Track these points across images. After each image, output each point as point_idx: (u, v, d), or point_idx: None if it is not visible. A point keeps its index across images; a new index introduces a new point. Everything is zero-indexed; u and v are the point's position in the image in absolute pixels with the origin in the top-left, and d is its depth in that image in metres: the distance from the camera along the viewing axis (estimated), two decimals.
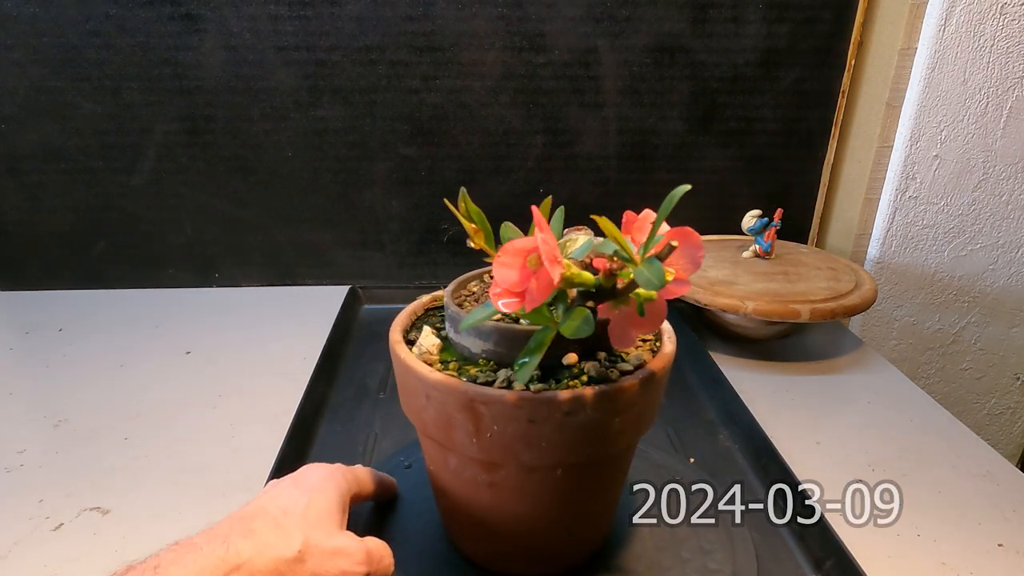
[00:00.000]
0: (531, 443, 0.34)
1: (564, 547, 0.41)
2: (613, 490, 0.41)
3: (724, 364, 0.68)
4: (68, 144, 0.79)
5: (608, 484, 0.40)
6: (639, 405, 0.35)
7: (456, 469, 0.38)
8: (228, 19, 0.75)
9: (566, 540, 0.40)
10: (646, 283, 0.29)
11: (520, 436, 0.34)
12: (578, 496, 0.38)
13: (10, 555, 0.43)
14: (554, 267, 0.29)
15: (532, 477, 0.36)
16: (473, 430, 0.34)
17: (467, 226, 0.35)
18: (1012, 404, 0.93)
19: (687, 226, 0.30)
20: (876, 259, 0.85)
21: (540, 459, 0.35)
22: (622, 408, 0.34)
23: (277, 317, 0.79)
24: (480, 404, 0.33)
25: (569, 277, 0.30)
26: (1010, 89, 0.77)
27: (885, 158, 0.82)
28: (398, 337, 0.39)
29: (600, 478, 0.39)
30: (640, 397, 0.35)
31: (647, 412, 0.37)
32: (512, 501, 0.38)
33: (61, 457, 0.53)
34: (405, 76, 0.78)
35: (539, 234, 0.29)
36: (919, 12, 0.75)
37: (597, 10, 0.77)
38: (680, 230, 0.30)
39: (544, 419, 0.33)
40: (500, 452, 0.35)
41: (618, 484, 0.41)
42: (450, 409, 0.34)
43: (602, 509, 0.41)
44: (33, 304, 0.82)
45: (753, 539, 0.45)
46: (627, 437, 0.37)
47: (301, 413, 0.55)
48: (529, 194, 0.85)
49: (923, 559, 0.44)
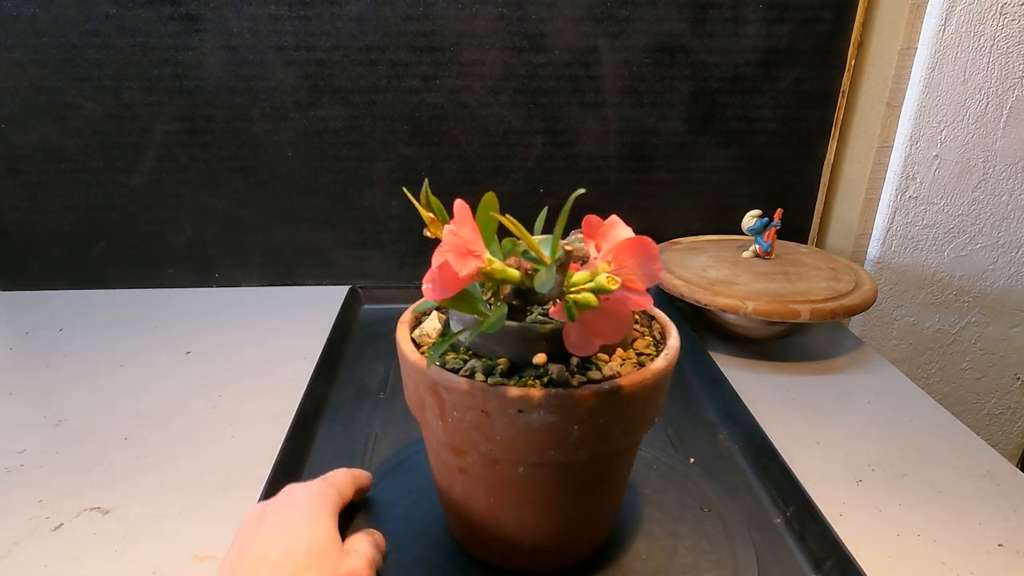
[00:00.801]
0: (487, 434, 0.35)
1: (551, 544, 0.40)
2: (606, 494, 0.40)
3: (724, 364, 0.68)
4: (68, 144, 0.79)
5: (594, 488, 0.39)
6: (602, 417, 0.34)
7: (436, 450, 0.40)
8: (228, 19, 0.75)
9: (553, 538, 0.40)
10: (540, 286, 0.29)
11: (476, 426, 0.35)
12: (555, 496, 0.38)
13: (10, 555, 0.43)
14: (462, 260, 0.29)
15: (495, 469, 0.37)
16: (439, 412, 0.35)
17: (425, 216, 0.35)
18: (1012, 404, 0.93)
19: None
20: (876, 259, 0.85)
21: (498, 452, 0.35)
22: (582, 417, 0.34)
23: (277, 317, 0.79)
24: (442, 388, 0.34)
25: (489, 272, 0.30)
26: (1010, 89, 0.77)
27: (885, 158, 0.82)
28: (407, 317, 0.40)
29: (580, 482, 0.38)
30: (602, 409, 0.34)
31: (615, 425, 0.35)
32: (481, 490, 0.39)
33: (61, 457, 0.53)
34: (405, 76, 0.78)
35: (447, 227, 0.29)
36: (919, 12, 0.75)
37: (597, 10, 0.77)
38: (637, 239, 0.29)
39: (497, 413, 0.34)
40: (462, 438, 0.36)
41: (611, 488, 0.41)
42: (421, 390, 0.36)
43: (593, 512, 0.40)
44: (33, 304, 0.82)
45: (753, 539, 0.45)
46: (590, 447, 0.35)
47: (301, 413, 0.55)
48: (529, 194, 0.85)
49: (923, 559, 0.44)
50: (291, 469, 0.51)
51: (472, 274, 0.30)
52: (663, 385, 0.37)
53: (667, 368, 0.36)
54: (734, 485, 0.51)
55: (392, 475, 0.51)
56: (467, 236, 0.29)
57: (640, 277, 0.30)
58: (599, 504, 0.41)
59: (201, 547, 0.44)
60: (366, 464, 0.53)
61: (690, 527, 0.46)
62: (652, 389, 0.36)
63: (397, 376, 0.66)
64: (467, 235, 0.29)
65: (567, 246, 0.30)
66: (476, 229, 0.30)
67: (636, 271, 0.30)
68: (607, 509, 0.42)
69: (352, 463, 0.52)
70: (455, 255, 0.29)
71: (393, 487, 0.49)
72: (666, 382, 0.37)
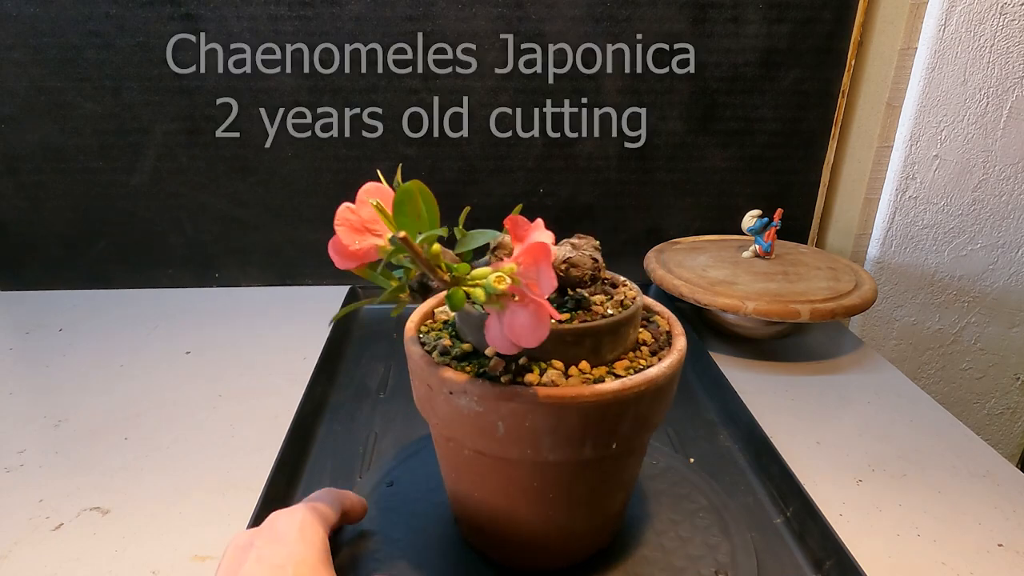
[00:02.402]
0: (433, 409, 0.37)
1: (535, 539, 0.40)
2: (600, 494, 0.40)
3: (724, 364, 0.68)
4: (68, 144, 0.79)
5: (568, 490, 0.38)
6: (529, 421, 0.33)
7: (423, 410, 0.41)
8: (228, 19, 0.75)
9: (540, 533, 0.40)
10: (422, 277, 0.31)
11: (426, 398, 0.37)
12: (520, 489, 0.37)
13: (10, 555, 0.43)
14: (354, 235, 0.31)
15: (450, 446, 0.39)
16: (411, 376, 0.39)
17: None
18: (1012, 404, 0.93)
19: None
20: (876, 259, 0.85)
21: (443, 429, 0.38)
22: (504, 414, 0.34)
23: (277, 317, 0.79)
24: (408, 356, 0.38)
25: (384, 248, 0.31)
26: (1010, 89, 0.77)
27: (885, 158, 0.82)
28: (431, 304, 0.43)
29: (549, 479, 0.37)
30: (527, 413, 0.33)
31: (549, 435, 0.34)
32: (447, 466, 0.41)
33: (61, 457, 0.53)
34: (405, 76, 0.78)
35: (345, 204, 0.31)
36: (919, 12, 0.75)
37: (597, 10, 0.77)
38: (535, 245, 0.29)
39: (436, 389, 0.36)
40: (420, 407, 0.39)
41: (602, 488, 0.40)
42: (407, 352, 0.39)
43: (578, 510, 0.40)
44: (33, 304, 0.82)
45: (753, 539, 0.45)
46: (524, 447, 0.34)
47: (301, 413, 0.55)
48: (529, 194, 0.85)
49: (923, 559, 0.44)
50: (291, 469, 0.51)
51: (369, 249, 0.32)
52: (613, 408, 0.34)
53: (611, 393, 0.33)
54: (734, 485, 0.51)
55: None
56: (365, 215, 0.31)
57: (539, 284, 0.29)
58: (607, 502, 0.40)
59: (201, 547, 0.44)
60: (366, 464, 0.53)
61: (690, 527, 0.46)
62: (595, 408, 0.33)
63: (397, 376, 0.66)
64: (365, 214, 0.31)
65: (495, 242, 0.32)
66: (376, 212, 0.31)
67: (533, 275, 0.30)
68: (598, 508, 0.41)
69: (352, 463, 0.53)
70: (346, 229, 0.31)
71: (408, 476, 0.50)
72: (622, 406, 0.34)
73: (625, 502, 0.43)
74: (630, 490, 0.43)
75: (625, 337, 0.37)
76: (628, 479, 0.41)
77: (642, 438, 0.40)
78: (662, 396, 0.37)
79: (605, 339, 0.36)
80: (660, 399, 0.37)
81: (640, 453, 0.42)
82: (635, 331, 0.39)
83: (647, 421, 0.37)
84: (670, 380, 0.37)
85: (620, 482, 0.41)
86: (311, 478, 0.51)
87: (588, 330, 0.35)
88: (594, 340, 0.36)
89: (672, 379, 0.37)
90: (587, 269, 0.37)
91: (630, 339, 0.38)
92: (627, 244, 0.88)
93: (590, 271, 0.37)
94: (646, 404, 0.36)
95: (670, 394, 0.38)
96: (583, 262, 0.37)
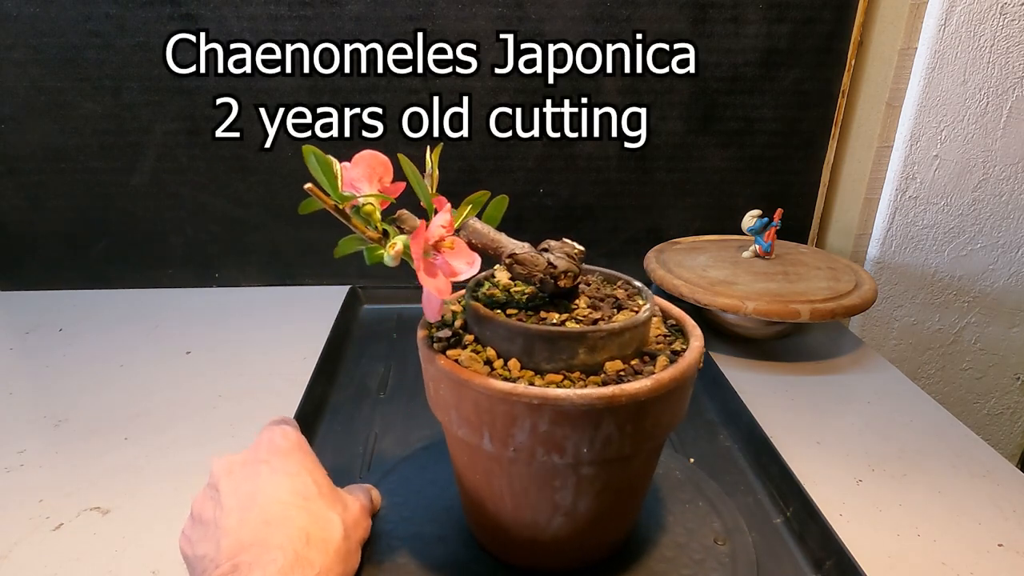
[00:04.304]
0: (426, 387, 0.39)
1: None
2: (610, 496, 0.40)
3: (724, 364, 0.68)
4: (68, 144, 0.79)
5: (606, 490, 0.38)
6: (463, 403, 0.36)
7: None
8: (228, 19, 0.75)
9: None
10: None
11: (439, 397, 0.38)
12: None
13: (10, 555, 0.43)
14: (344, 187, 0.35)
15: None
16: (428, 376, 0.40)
17: None
18: (1012, 404, 0.93)
19: None
20: (876, 259, 0.85)
21: (434, 404, 0.39)
22: (458, 401, 0.36)
23: (277, 317, 0.79)
24: (418, 334, 0.39)
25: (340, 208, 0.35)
26: (1010, 89, 0.77)
27: (885, 158, 0.82)
28: None
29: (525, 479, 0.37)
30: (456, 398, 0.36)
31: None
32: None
33: (61, 457, 0.53)
34: (405, 76, 0.78)
35: (343, 163, 0.35)
36: (919, 12, 0.75)
37: (597, 10, 0.77)
38: (421, 224, 0.34)
39: (428, 362, 0.37)
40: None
41: (630, 488, 0.40)
42: None
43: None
44: (33, 304, 0.82)
45: (753, 539, 0.45)
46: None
47: (301, 413, 0.55)
48: (529, 194, 0.85)
49: (923, 559, 0.44)
50: None
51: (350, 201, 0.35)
52: (650, 406, 0.34)
53: (575, 396, 0.33)
54: (734, 485, 0.51)
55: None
56: (354, 175, 0.36)
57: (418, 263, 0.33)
58: (616, 504, 0.40)
59: None
60: (366, 464, 0.53)
61: (689, 528, 0.46)
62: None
63: (397, 376, 0.66)
64: (355, 174, 0.36)
65: None
66: (362, 177, 0.36)
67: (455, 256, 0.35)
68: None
69: (352, 463, 0.53)
70: (347, 184, 0.36)
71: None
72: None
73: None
74: (648, 488, 0.43)
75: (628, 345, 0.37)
76: (629, 486, 0.41)
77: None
78: (684, 395, 0.38)
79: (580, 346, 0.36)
80: (683, 397, 0.38)
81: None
82: (637, 342, 0.38)
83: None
84: (691, 380, 0.37)
85: (620, 486, 0.41)
86: None
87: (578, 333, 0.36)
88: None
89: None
90: (537, 269, 0.37)
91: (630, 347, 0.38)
92: (627, 244, 0.88)
93: (540, 272, 0.37)
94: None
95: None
96: (530, 260, 0.37)
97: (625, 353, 0.37)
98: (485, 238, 0.37)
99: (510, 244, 0.37)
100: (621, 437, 0.35)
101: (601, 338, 0.35)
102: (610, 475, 0.38)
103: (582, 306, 0.39)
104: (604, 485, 0.38)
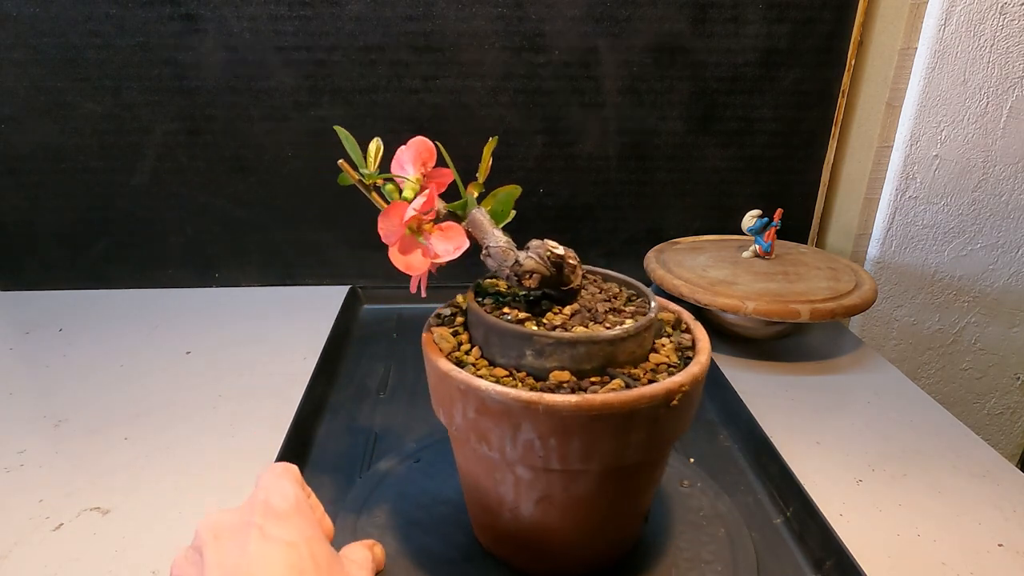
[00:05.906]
0: None
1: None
2: (621, 501, 0.39)
3: (724, 364, 0.68)
4: (68, 144, 0.79)
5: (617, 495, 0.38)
6: (431, 377, 0.38)
7: None
8: (228, 19, 0.75)
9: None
10: None
11: (449, 402, 0.38)
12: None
13: (10, 555, 0.43)
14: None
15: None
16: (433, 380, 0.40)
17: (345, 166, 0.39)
18: (1012, 404, 0.93)
19: None
20: (876, 259, 0.85)
21: (432, 394, 0.39)
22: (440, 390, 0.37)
23: (277, 317, 0.79)
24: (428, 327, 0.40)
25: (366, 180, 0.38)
26: (1010, 89, 0.77)
27: (885, 158, 0.82)
28: None
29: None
30: (427, 372, 0.38)
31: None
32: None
33: (61, 457, 0.53)
34: (405, 76, 0.78)
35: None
36: (919, 12, 0.75)
37: (597, 10, 0.77)
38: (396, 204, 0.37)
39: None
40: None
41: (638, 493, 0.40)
42: None
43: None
44: (33, 304, 0.82)
45: (753, 539, 0.45)
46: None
47: (301, 413, 0.55)
48: (529, 194, 0.85)
49: (923, 559, 0.44)
50: None
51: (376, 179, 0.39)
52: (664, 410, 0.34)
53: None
54: (734, 485, 0.51)
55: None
56: (404, 157, 0.39)
57: None
58: (626, 508, 0.40)
59: None
60: (366, 464, 0.53)
61: (689, 528, 0.46)
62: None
63: (397, 376, 0.66)
64: (405, 156, 0.39)
65: None
66: (409, 160, 0.39)
67: (445, 239, 0.37)
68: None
69: (352, 463, 0.53)
70: (397, 164, 0.40)
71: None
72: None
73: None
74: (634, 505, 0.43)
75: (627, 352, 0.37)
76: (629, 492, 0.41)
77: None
78: (696, 396, 0.37)
79: None
80: (695, 399, 0.37)
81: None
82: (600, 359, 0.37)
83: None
84: (702, 382, 0.37)
85: (625, 492, 0.40)
86: (311, 478, 0.51)
87: None
88: None
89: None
90: (505, 265, 0.37)
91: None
92: (627, 244, 0.88)
93: (508, 269, 0.37)
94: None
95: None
96: (500, 256, 0.37)
97: (581, 367, 0.35)
98: (479, 229, 0.38)
99: (493, 238, 0.37)
100: (545, 449, 0.34)
101: (548, 344, 0.35)
102: (550, 486, 0.36)
103: (566, 311, 0.38)
104: (543, 495, 0.37)
